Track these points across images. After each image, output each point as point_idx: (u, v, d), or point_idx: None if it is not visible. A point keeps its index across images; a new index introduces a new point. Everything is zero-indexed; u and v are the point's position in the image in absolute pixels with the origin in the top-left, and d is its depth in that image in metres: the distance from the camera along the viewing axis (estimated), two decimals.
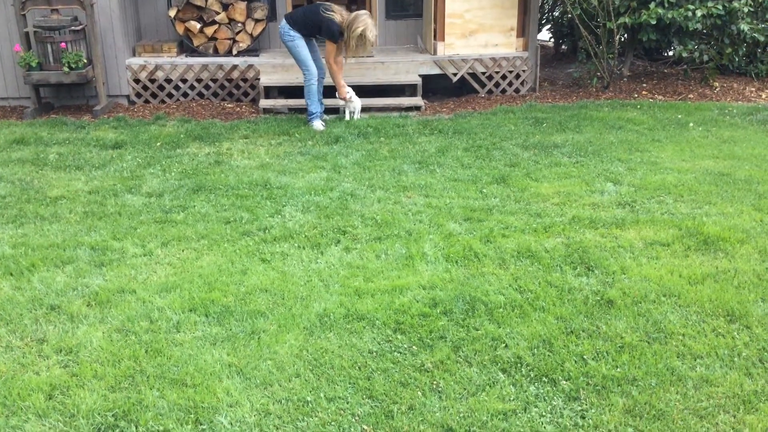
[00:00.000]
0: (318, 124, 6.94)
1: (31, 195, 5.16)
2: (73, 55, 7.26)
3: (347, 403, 2.84)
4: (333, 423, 2.73)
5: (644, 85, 8.53)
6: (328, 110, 7.45)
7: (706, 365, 3.05)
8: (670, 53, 9.53)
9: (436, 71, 8.14)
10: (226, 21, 8.04)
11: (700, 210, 4.69)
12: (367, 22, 6.52)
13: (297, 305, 3.56)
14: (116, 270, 3.95)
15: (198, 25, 7.97)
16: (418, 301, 3.57)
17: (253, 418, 2.76)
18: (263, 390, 2.92)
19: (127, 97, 8.00)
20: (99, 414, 2.76)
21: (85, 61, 7.40)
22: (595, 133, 6.52)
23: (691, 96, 8.06)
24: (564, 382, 2.94)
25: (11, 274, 3.91)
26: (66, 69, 7.25)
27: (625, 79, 8.66)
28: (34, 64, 7.30)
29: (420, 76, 7.91)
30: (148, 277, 3.88)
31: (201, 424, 2.72)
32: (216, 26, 8.03)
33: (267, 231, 4.47)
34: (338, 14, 6.63)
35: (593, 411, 2.78)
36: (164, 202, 5.00)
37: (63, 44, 7.23)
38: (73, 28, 7.31)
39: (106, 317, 3.46)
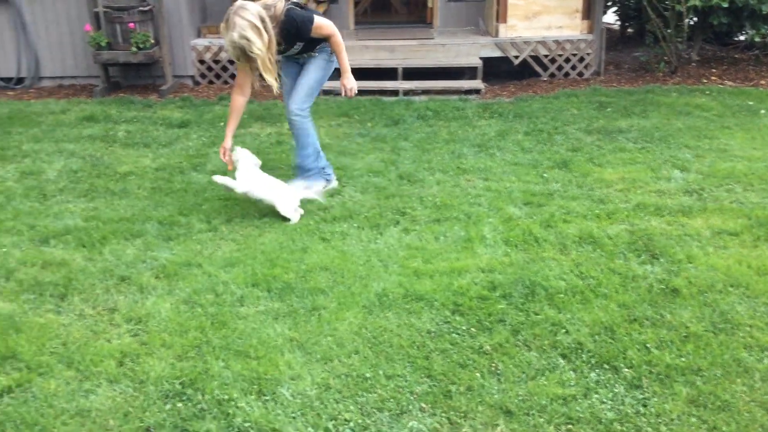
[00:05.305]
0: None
1: (101, 170, 5.35)
2: (141, 36, 7.44)
3: (406, 381, 2.88)
4: (392, 400, 2.77)
5: (713, 70, 8.24)
6: (389, 92, 7.43)
7: None
8: (742, 38, 9.16)
9: (498, 54, 8.04)
10: None
11: None
12: (234, 23, 4.03)
13: (356, 284, 3.60)
14: (183, 244, 4.07)
15: None
16: (476, 284, 3.56)
17: (314, 391, 2.81)
18: (323, 365, 2.98)
19: (192, 77, 8.17)
20: (167, 381, 2.87)
21: (152, 41, 7.58)
22: (661, 119, 6.35)
23: (762, 82, 7.75)
24: (626, 370, 2.90)
25: (84, 246, 4.07)
26: (134, 49, 7.45)
27: (693, 64, 8.39)
28: (103, 44, 7.52)
29: (481, 58, 7.83)
30: (213, 252, 3.99)
31: (264, 395, 2.79)
32: None
33: (327, 211, 4.53)
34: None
35: (656, 400, 2.74)
36: None
37: (131, 24, 7.42)
38: (141, 8, 7.49)
39: (173, 289, 3.58)
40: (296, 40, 4.39)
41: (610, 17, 10.41)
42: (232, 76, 8.09)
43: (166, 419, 2.67)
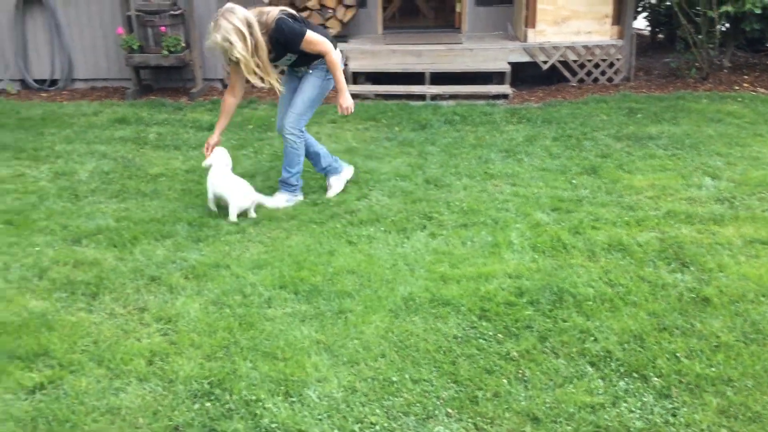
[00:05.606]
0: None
1: (132, 172, 5.43)
2: (172, 39, 7.54)
3: (432, 385, 2.87)
4: (418, 404, 2.77)
5: (746, 77, 8.12)
6: (417, 97, 7.45)
7: None
8: None
9: (526, 59, 8.01)
10: (318, 7, 8.16)
11: None
12: (220, 25, 4.17)
13: (383, 288, 3.61)
14: (212, 246, 4.12)
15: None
16: (503, 290, 3.55)
17: (341, 394, 2.83)
18: (350, 368, 2.99)
19: (221, 80, 8.25)
20: (196, 381, 2.90)
21: (183, 45, 7.67)
22: (692, 126, 6.27)
23: None
24: (655, 379, 2.87)
25: (115, 246, 4.14)
26: (165, 52, 7.54)
27: (725, 71, 8.27)
28: (135, 47, 7.63)
29: (509, 63, 7.80)
30: (241, 253, 4.02)
31: (291, 397, 2.81)
32: (308, 12, 8.16)
33: (354, 214, 4.55)
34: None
35: (685, 409, 2.71)
36: (256, 183, 5.13)
37: (163, 28, 7.52)
38: (172, 12, 7.59)
39: (202, 290, 3.62)
40: (286, 50, 4.43)
41: (641, 23, 10.31)
42: (261, 80, 8.13)
43: (195, 418, 2.70)
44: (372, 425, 2.67)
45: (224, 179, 4.50)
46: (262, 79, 4.32)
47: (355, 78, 7.80)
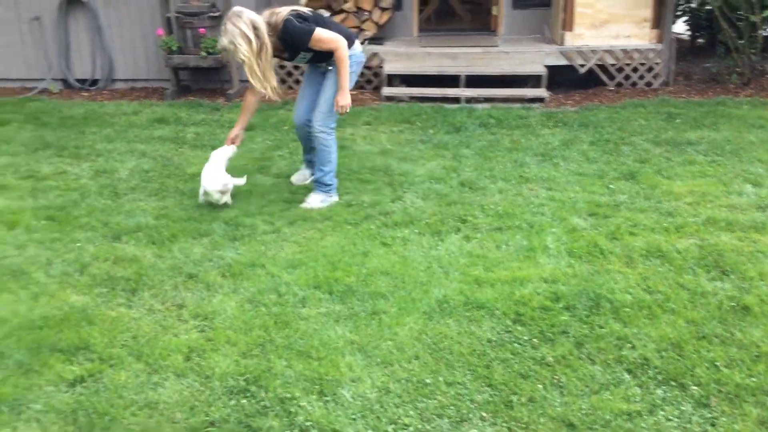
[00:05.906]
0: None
1: (171, 171, 5.52)
2: (211, 41, 7.63)
3: (466, 389, 2.87)
4: (452, 407, 2.77)
5: None
6: (451, 99, 7.44)
7: None
8: None
9: (563, 62, 7.93)
10: (354, 9, 8.20)
11: None
12: (226, 29, 4.28)
13: (417, 290, 3.61)
14: (248, 245, 4.16)
15: (326, 14, 8.18)
16: (539, 294, 3.53)
17: (374, 394, 2.84)
18: (384, 368, 3.00)
19: None
20: (232, 378, 2.94)
21: None
22: (733, 132, 6.15)
23: None
24: (694, 388, 2.82)
25: (154, 243, 4.21)
26: (203, 53, 7.65)
27: (767, 76, 8.10)
28: (174, 48, 7.75)
29: (545, 66, 7.75)
30: (276, 253, 4.06)
31: (325, 396, 2.83)
32: (344, 15, 8.20)
33: (388, 216, 4.55)
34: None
35: (724, 419, 2.66)
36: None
37: (202, 30, 7.63)
38: (211, 14, 7.70)
39: (238, 288, 3.66)
40: (297, 49, 4.48)
41: (680, 27, 10.15)
42: (297, 82, 8.22)
43: (231, 414, 2.74)
44: (405, 426, 2.67)
45: (208, 172, 4.66)
46: (261, 83, 4.36)
47: (390, 80, 7.81)
